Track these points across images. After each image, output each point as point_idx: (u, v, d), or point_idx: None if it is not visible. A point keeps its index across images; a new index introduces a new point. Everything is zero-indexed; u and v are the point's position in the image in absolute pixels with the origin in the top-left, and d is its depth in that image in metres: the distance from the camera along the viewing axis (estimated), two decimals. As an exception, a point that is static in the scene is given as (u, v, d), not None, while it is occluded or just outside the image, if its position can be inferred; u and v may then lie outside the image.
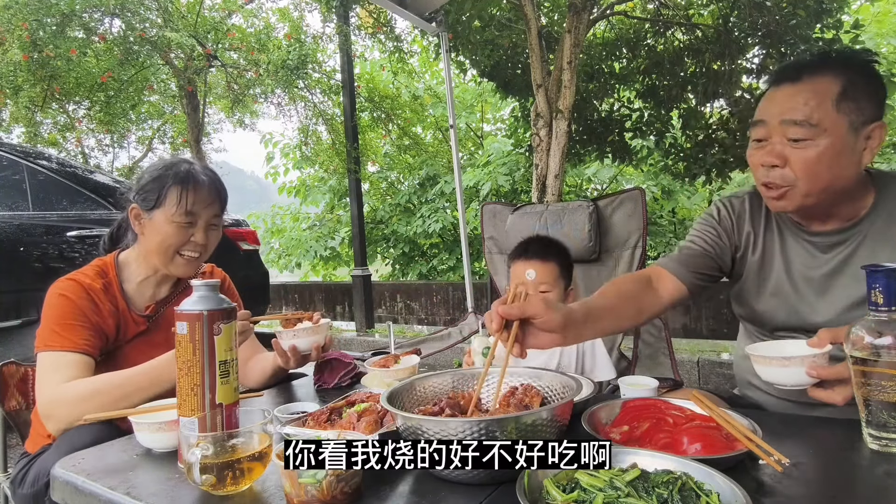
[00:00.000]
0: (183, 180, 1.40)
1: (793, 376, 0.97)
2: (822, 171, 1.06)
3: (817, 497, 0.75)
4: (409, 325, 6.87)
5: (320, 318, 1.45)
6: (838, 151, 1.05)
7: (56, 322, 1.31)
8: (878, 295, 0.88)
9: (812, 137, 1.05)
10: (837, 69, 1.07)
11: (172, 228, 1.39)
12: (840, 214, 1.16)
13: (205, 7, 7.45)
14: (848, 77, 1.06)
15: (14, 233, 3.27)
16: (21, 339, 3.19)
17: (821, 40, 5.18)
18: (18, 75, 6.37)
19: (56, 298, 1.34)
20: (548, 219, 2.27)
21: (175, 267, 1.44)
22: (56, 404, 1.22)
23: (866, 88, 1.07)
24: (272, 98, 7.59)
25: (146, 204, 1.40)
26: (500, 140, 9.55)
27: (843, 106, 1.04)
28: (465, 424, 0.79)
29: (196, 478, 0.80)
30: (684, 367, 3.94)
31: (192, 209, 1.40)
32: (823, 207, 1.14)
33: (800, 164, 1.07)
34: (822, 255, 1.20)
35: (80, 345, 1.30)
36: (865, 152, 1.08)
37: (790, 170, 1.08)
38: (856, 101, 1.05)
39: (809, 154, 1.06)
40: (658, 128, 6.31)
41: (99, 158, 9.90)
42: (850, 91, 1.05)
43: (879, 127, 1.07)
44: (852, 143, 1.06)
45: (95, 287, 1.38)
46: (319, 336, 1.42)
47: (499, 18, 5.58)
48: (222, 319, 0.93)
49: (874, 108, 1.07)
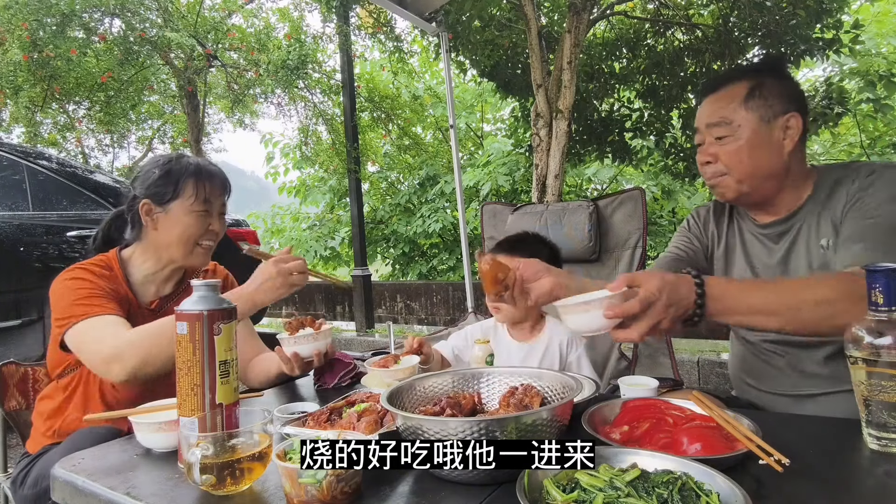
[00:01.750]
0: (196, 172, 1.43)
1: (593, 320, 0.97)
2: (743, 159, 1.24)
3: (817, 497, 0.75)
4: (409, 325, 6.87)
5: (323, 324, 1.44)
6: (754, 141, 1.23)
7: (75, 299, 1.30)
8: (878, 295, 0.88)
9: (731, 134, 1.24)
10: (746, 75, 1.27)
11: (192, 218, 1.42)
12: (782, 205, 1.30)
13: (205, 7, 7.46)
14: (756, 80, 1.24)
15: (14, 233, 3.27)
16: (21, 339, 3.19)
17: (821, 40, 5.18)
18: (18, 75, 6.37)
19: (67, 283, 1.33)
20: (548, 219, 2.27)
21: (195, 257, 1.47)
22: (124, 346, 1.21)
23: (773, 87, 1.23)
24: (272, 98, 7.60)
25: (160, 198, 1.41)
26: (500, 140, 9.54)
27: (752, 104, 1.23)
28: (465, 424, 0.79)
29: (196, 478, 0.80)
30: (684, 367, 3.94)
31: (209, 198, 1.44)
32: (762, 196, 1.29)
33: (725, 156, 1.26)
34: (773, 244, 1.32)
35: (111, 309, 1.30)
36: (786, 141, 1.23)
37: (721, 163, 1.27)
38: (763, 98, 1.22)
39: (731, 147, 1.25)
40: (658, 128, 6.31)
41: (99, 158, 9.91)
42: (758, 91, 1.23)
43: (794, 117, 1.22)
44: (767, 134, 1.23)
45: (104, 274, 1.39)
46: (321, 343, 1.42)
47: (499, 18, 5.58)
48: (222, 319, 0.93)
49: (784, 103, 1.23)
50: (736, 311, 1.00)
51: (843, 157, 8.55)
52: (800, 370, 1.28)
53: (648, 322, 0.94)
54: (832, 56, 5.40)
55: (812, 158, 8.71)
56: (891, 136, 8.18)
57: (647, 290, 0.94)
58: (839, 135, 8.27)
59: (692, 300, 0.97)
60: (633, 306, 0.93)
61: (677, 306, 0.95)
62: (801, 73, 7.65)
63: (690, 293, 0.97)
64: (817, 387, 1.26)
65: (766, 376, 1.35)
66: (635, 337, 0.95)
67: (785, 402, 1.31)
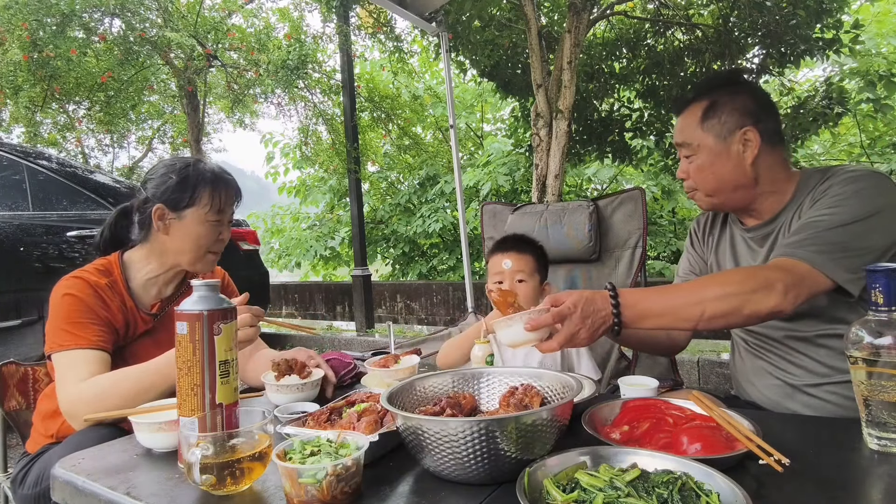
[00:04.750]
0: (213, 181, 1.43)
1: (517, 333, 1.08)
2: (706, 175, 1.32)
3: (817, 497, 0.75)
4: (409, 325, 6.87)
5: (311, 371, 1.35)
6: (713, 159, 1.30)
7: (66, 321, 1.30)
8: (878, 295, 0.88)
9: (693, 153, 1.33)
10: (704, 95, 1.32)
11: (206, 228, 1.42)
12: (764, 209, 1.33)
13: (205, 7, 7.45)
14: (709, 98, 1.30)
15: (14, 233, 3.28)
16: (21, 339, 3.19)
17: (821, 40, 5.18)
18: (18, 75, 6.37)
19: (62, 298, 1.33)
20: (548, 219, 2.27)
21: (203, 264, 1.47)
22: (77, 403, 1.22)
23: (726, 104, 1.29)
24: (272, 98, 7.59)
25: (175, 204, 1.41)
26: (500, 140, 9.54)
27: (706, 124, 1.30)
28: (465, 424, 0.79)
29: (196, 478, 0.80)
30: (684, 367, 3.94)
31: (223, 207, 1.45)
32: (736, 205, 1.35)
33: (692, 173, 1.34)
34: (757, 247, 1.36)
35: (93, 341, 1.30)
36: (746, 154, 1.28)
37: (691, 179, 1.35)
38: (717, 117, 1.29)
39: (694, 165, 1.33)
40: (658, 128, 6.31)
41: (99, 158, 9.92)
42: (712, 111, 1.29)
43: (750, 131, 1.27)
44: (725, 150, 1.29)
45: (101, 284, 1.38)
46: (306, 395, 1.30)
47: (499, 18, 5.58)
48: (222, 319, 0.93)
49: (738, 118, 1.28)
50: (649, 314, 1.08)
51: (843, 157, 8.55)
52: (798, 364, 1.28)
53: (565, 333, 1.04)
54: (832, 56, 5.40)
55: (812, 158, 8.72)
56: (891, 136, 8.18)
57: (564, 305, 1.05)
58: (839, 135, 8.27)
59: (609, 310, 1.06)
60: (547, 319, 1.04)
61: (594, 317, 1.05)
62: (801, 73, 7.65)
63: (606, 304, 1.06)
64: (816, 378, 1.26)
65: (762, 373, 1.35)
66: (555, 346, 1.05)
67: (780, 393, 1.31)
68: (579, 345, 1.07)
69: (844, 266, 1.09)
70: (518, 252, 1.65)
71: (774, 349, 1.33)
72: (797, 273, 1.09)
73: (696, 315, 1.07)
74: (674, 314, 1.08)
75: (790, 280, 1.07)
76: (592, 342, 1.08)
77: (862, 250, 1.11)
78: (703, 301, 1.07)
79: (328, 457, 0.80)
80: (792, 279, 1.07)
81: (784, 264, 1.11)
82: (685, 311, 1.08)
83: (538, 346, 1.07)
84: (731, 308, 1.06)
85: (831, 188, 1.21)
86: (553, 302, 1.06)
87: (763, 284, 1.06)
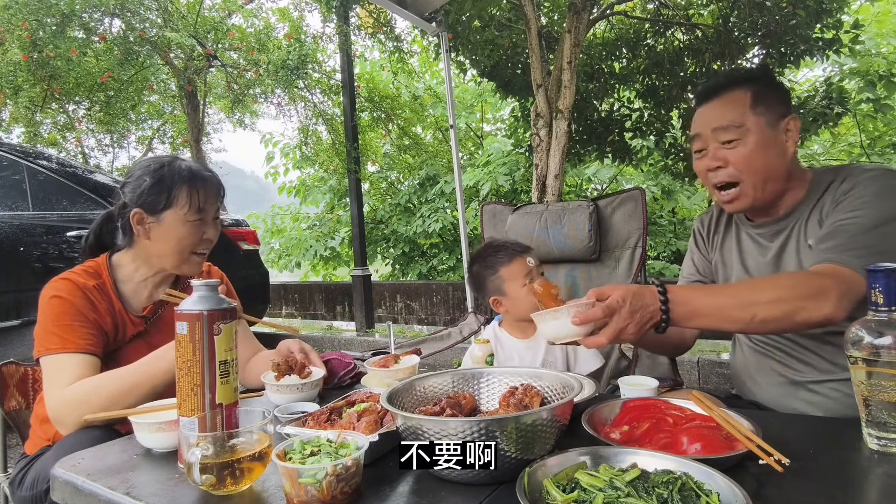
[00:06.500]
0: (190, 179, 1.38)
1: (563, 327, 1.03)
2: (757, 162, 1.25)
3: (817, 497, 0.75)
4: (409, 325, 6.87)
5: (311, 371, 1.35)
6: (764, 144, 1.25)
7: (53, 324, 1.29)
8: (878, 295, 0.88)
9: (740, 137, 1.25)
10: (745, 83, 1.29)
11: (187, 229, 1.38)
12: (781, 206, 1.33)
13: (205, 7, 7.46)
14: (755, 87, 1.27)
15: (14, 233, 3.28)
16: (21, 339, 3.19)
17: (821, 40, 5.18)
18: (18, 75, 6.37)
19: (50, 300, 1.31)
20: (548, 219, 2.27)
21: (189, 266, 1.43)
22: (62, 408, 1.21)
23: (772, 94, 1.27)
24: (272, 98, 7.59)
25: (153, 207, 1.37)
26: (500, 140, 9.53)
27: (758, 109, 1.25)
28: (465, 424, 0.79)
29: (196, 478, 0.80)
30: (684, 367, 3.94)
31: (203, 206, 1.39)
32: (771, 199, 1.30)
33: (737, 159, 1.26)
34: (767, 243, 1.35)
35: (81, 344, 1.28)
36: (788, 144, 1.26)
37: (733, 167, 1.27)
38: (766, 104, 1.26)
39: (742, 151, 1.25)
40: (658, 128, 6.31)
41: (99, 158, 9.92)
42: (760, 97, 1.26)
43: (792, 119, 1.26)
44: (774, 137, 1.25)
45: (89, 286, 1.36)
46: (306, 395, 1.30)
47: (499, 18, 5.58)
48: (222, 319, 0.93)
49: (783, 108, 1.27)
50: (698, 313, 1.05)
51: (843, 157, 8.54)
52: (804, 361, 1.29)
53: (614, 328, 1.00)
54: (832, 56, 5.40)
55: (812, 158, 8.71)
56: (891, 136, 8.17)
57: (612, 298, 1.01)
58: (839, 135, 8.27)
59: (657, 306, 1.03)
60: (597, 313, 0.99)
61: (642, 312, 1.01)
62: (801, 73, 7.65)
63: (655, 300, 1.03)
64: (820, 374, 1.26)
65: (765, 370, 1.35)
66: (603, 342, 1.01)
67: (783, 390, 1.31)
68: (627, 340, 1.05)
69: None
70: (525, 252, 1.69)
71: (781, 346, 1.33)
72: (847, 280, 1.06)
73: (747, 318, 1.05)
74: (722, 315, 1.06)
75: (843, 288, 1.04)
76: (639, 338, 1.04)
77: (893, 251, 1.09)
78: (755, 304, 1.05)
79: (328, 457, 0.80)
80: (844, 286, 1.05)
81: (832, 271, 1.09)
82: (735, 312, 1.05)
83: (583, 340, 1.03)
84: (782, 313, 1.04)
85: (855, 188, 1.19)
86: (598, 295, 1.03)
87: (817, 291, 1.03)
